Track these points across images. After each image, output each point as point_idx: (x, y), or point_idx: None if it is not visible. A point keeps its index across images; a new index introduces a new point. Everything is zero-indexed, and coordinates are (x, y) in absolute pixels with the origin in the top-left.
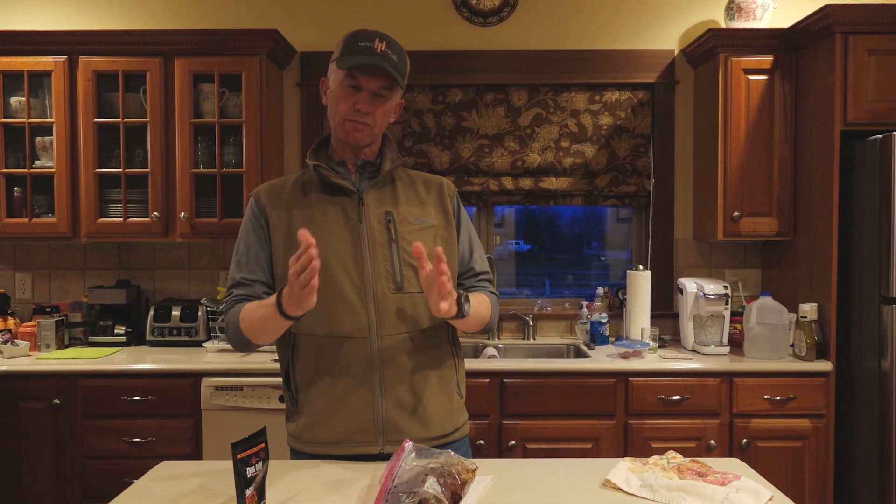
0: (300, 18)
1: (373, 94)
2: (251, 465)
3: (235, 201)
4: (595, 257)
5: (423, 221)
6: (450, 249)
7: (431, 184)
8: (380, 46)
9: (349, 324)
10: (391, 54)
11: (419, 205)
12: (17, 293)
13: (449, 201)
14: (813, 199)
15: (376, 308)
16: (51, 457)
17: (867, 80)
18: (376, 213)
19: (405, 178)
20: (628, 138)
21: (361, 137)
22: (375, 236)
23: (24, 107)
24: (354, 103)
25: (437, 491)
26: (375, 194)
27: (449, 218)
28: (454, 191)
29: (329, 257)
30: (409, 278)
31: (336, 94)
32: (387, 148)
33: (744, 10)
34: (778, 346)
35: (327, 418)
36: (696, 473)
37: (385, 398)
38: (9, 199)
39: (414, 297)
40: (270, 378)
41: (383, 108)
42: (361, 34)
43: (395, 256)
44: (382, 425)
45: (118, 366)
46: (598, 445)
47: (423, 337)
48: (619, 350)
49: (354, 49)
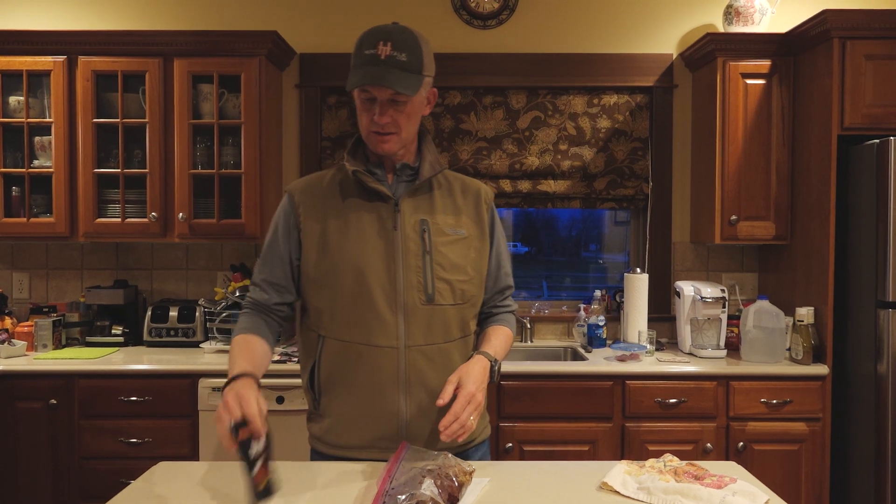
0: (299, 20)
1: (388, 101)
2: (254, 446)
3: (234, 202)
4: (593, 260)
5: (456, 232)
6: (480, 260)
7: (469, 191)
8: (384, 51)
9: (378, 333)
10: (398, 55)
11: (455, 213)
12: (15, 293)
13: (485, 211)
14: (810, 204)
15: (405, 319)
16: (47, 457)
17: (864, 85)
18: (411, 221)
19: (444, 183)
20: (626, 141)
21: (389, 148)
22: (409, 245)
23: (22, 106)
24: (372, 116)
25: (434, 493)
26: (412, 201)
27: (483, 228)
28: (491, 199)
29: (362, 265)
30: (441, 291)
31: (357, 106)
32: (426, 150)
33: (742, 14)
34: (775, 350)
35: (352, 423)
36: (692, 476)
37: (409, 407)
38: (7, 199)
39: (444, 310)
40: (268, 379)
41: (406, 112)
42: (367, 38)
43: (427, 268)
44: (405, 433)
45: (115, 366)
46: (594, 448)
47: (450, 348)
48: (616, 353)
49: (360, 60)
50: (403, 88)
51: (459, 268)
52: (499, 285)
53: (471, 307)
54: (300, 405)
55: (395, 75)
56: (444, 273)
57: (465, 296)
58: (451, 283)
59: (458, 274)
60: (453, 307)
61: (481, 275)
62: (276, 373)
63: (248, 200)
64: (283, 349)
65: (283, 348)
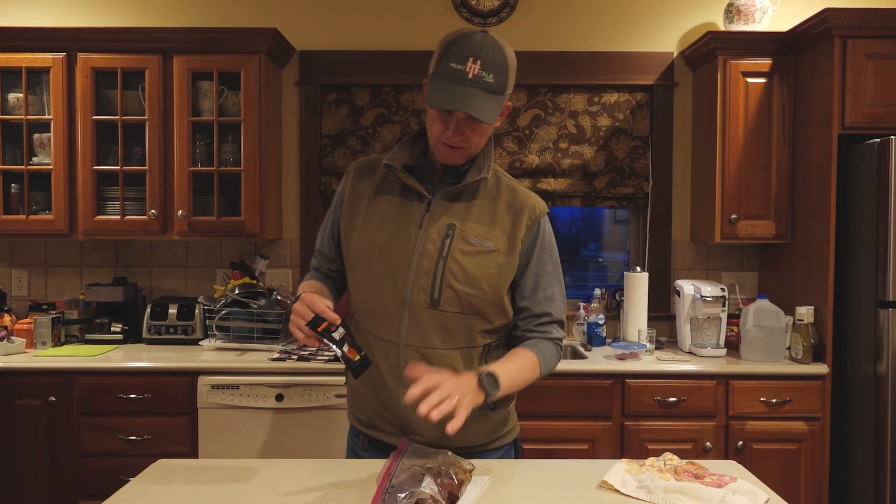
0: (299, 17)
1: (466, 118)
2: (334, 331)
3: (233, 200)
4: (592, 259)
5: (482, 244)
6: (501, 277)
7: (515, 205)
8: (472, 70)
9: (383, 326)
10: (486, 76)
11: (488, 224)
12: (14, 290)
13: (523, 228)
14: (810, 203)
15: (409, 319)
16: (46, 454)
17: (865, 84)
18: (439, 224)
19: (492, 191)
20: (627, 140)
21: (455, 160)
22: (427, 247)
23: (21, 103)
24: (446, 129)
25: (434, 491)
26: (446, 204)
27: (514, 246)
28: (538, 216)
29: (377, 258)
30: (448, 298)
31: (430, 112)
32: (481, 156)
33: (743, 13)
34: (774, 349)
35: (361, 399)
36: (692, 475)
37: (408, 404)
38: (6, 196)
39: (449, 317)
40: (267, 377)
41: (479, 131)
42: (457, 50)
43: (438, 274)
44: (405, 425)
45: (114, 363)
46: (594, 447)
47: (451, 355)
48: (615, 351)
49: (445, 72)
50: (485, 117)
51: (473, 280)
52: (536, 309)
53: (480, 320)
54: (299, 403)
55: (480, 100)
56: (454, 282)
57: (472, 308)
58: (459, 294)
59: (469, 286)
60: (459, 315)
61: (499, 292)
62: (276, 370)
63: (248, 198)
64: (282, 347)
65: (283, 346)
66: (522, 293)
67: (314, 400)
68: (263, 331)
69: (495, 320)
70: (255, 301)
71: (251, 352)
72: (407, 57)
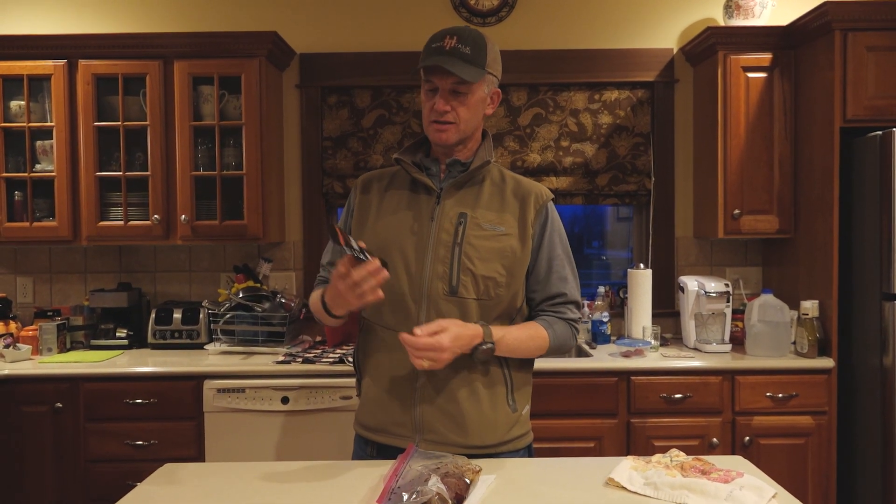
0: (299, 20)
1: (449, 91)
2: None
3: (236, 203)
4: (596, 256)
5: (495, 228)
6: (515, 261)
7: (520, 191)
8: (449, 43)
9: (401, 320)
10: (462, 47)
11: (498, 210)
12: (19, 297)
13: (532, 212)
14: (813, 197)
15: (428, 309)
16: (53, 460)
17: (866, 77)
18: (450, 214)
19: (497, 180)
20: (628, 137)
21: (447, 137)
22: (442, 236)
23: (23, 111)
24: (433, 104)
25: (441, 489)
26: (455, 194)
27: (526, 230)
28: (545, 201)
29: (392, 253)
30: (466, 284)
31: (422, 100)
32: (482, 149)
33: (742, 7)
34: (779, 344)
35: (374, 405)
36: (699, 471)
37: (424, 398)
38: (9, 204)
39: (467, 303)
40: (272, 380)
41: (466, 104)
42: (436, 35)
43: (455, 259)
44: (420, 423)
45: (120, 369)
46: (600, 444)
47: None
48: (620, 349)
49: (426, 53)
50: (462, 73)
51: (488, 262)
52: (549, 291)
53: (496, 305)
54: (305, 405)
55: (457, 64)
56: (470, 264)
57: (489, 292)
58: (476, 276)
59: (485, 268)
60: (476, 301)
61: (514, 276)
62: (281, 373)
63: (251, 201)
64: (286, 350)
65: (288, 349)
66: (537, 276)
67: (320, 402)
68: (268, 334)
69: (508, 306)
70: (260, 304)
71: (256, 355)
72: (407, 58)
